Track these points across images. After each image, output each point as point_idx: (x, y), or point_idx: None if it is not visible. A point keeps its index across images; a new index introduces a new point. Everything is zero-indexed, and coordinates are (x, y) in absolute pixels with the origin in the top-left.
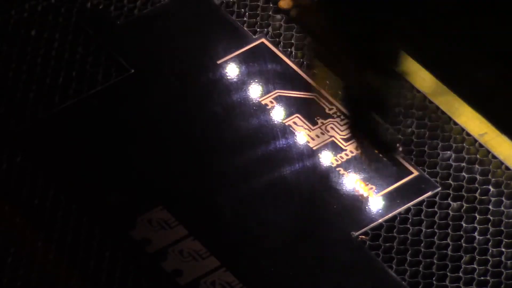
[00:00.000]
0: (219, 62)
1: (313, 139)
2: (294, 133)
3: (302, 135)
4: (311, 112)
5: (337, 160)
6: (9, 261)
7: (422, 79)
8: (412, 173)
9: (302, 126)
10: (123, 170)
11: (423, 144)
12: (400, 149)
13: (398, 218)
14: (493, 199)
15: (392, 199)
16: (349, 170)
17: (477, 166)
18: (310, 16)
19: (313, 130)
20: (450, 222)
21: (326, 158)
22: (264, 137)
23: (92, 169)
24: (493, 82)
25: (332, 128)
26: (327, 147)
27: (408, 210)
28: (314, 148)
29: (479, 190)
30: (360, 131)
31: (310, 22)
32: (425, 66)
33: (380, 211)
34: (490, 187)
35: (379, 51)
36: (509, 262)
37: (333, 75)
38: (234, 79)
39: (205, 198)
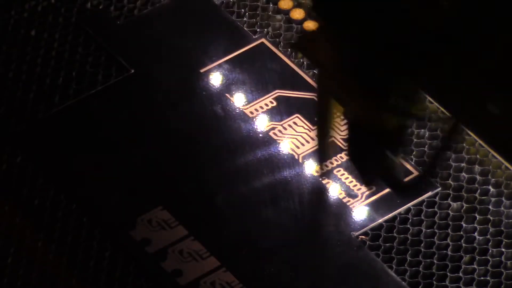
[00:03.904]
0: (219, 62)
1: (313, 139)
2: (294, 133)
3: (302, 135)
4: (311, 112)
5: (337, 160)
6: (9, 261)
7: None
8: (412, 173)
9: (302, 126)
10: (123, 170)
11: (423, 144)
12: None
13: (398, 218)
14: (493, 199)
15: (392, 199)
16: (349, 170)
17: (477, 166)
18: (320, 50)
19: (313, 130)
20: (450, 222)
21: (326, 158)
22: (264, 137)
23: (92, 169)
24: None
25: (332, 128)
26: (327, 147)
27: (408, 210)
28: (314, 148)
29: (479, 190)
30: (371, 168)
31: (320, 56)
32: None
33: (380, 211)
34: (490, 187)
35: (396, 91)
36: (509, 262)
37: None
38: (234, 79)
39: (205, 198)
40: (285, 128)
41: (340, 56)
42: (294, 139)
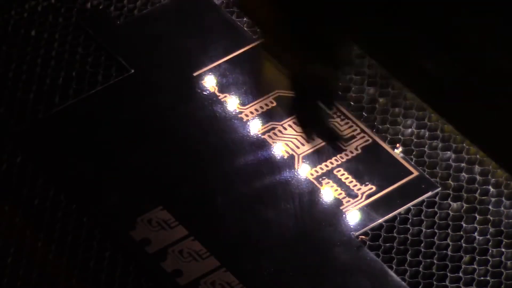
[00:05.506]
0: (219, 62)
1: (313, 139)
2: (294, 133)
3: (302, 135)
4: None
5: (337, 160)
6: (9, 261)
7: None
8: (412, 173)
9: (302, 126)
10: (123, 170)
11: (423, 144)
12: (400, 149)
13: (398, 218)
14: (493, 199)
15: (392, 199)
16: (349, 170)
17: (477, 166)
18: (257, 6)
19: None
20: (450, 223)
21: (326, 158)
22: (264, 137)
23: (92, 169)
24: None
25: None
26: (327, 147)
27: (408, 210)
28: (314, 148)
29: (479, 191)
30: (307, 120)
31: (258, 12)
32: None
33: (380, 211)
34: (490, 187)
35: (328, 42)
36: (509, 262)
37: (281, 67)
38: (234, 79)
39: (205, 199)
40: (285, 128)
41: (275, 13)
42: (294, 139)
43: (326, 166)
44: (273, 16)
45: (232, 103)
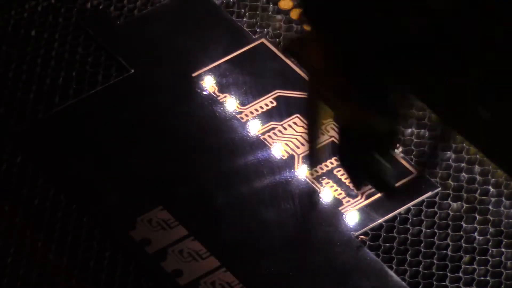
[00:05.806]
0: (218, 62)
1: (307, 141)
2: (294, 133)
3: (302, 135)
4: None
5: (337, 160)
6: (9, 261)
7: None
8: (412, 173)
9: (302, 126)
10: (123, 170)
11: (423, 144)
12: (400, 149)
13: (398, 218)
14: (493, 199)
15: (392, 199)
16: (349, 170)
17: (477, 166)
18: (311, 53)
19: (305, 133)
20: (450, 223)
21: (326, 158)
22: (264, 137)
23: (92, 169)
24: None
25: (332, 128)
26: (327, 148)
27: (408, 210)
28: (314, 149)
29: (479, 191)
30: (361, 171)
31: (311, 58)
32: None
33: (380, 211)
34: (490, 187)
35: (388, 94)
36: (509, 262)
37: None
38: (234, 79)
39: (205, 198)
40: (285, 128)
41: (331, 59)
42: (294, 139)
43: (326, 166)
44: (329, 66)
45: (231, 103)
